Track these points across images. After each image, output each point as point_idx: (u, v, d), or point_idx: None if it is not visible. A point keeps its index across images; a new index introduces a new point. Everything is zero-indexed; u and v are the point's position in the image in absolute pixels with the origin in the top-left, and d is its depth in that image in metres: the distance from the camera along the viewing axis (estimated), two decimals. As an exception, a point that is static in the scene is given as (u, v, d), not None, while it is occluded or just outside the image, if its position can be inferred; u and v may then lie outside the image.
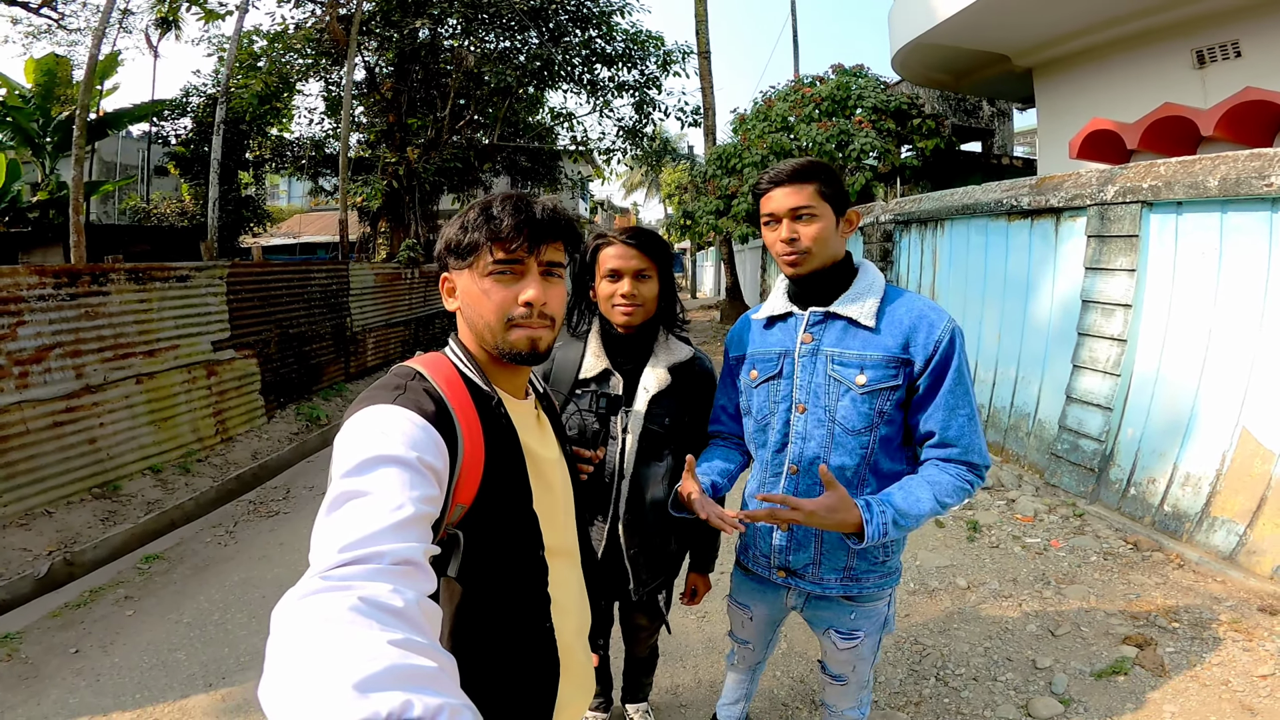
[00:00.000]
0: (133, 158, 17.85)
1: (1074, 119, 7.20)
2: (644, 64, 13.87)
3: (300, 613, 0.56)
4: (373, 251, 13.83)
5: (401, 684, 0.47)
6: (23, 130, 12.76)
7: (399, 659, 0.50)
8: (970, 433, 1.37)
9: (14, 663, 2.86)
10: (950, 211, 5.19)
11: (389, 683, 0.47)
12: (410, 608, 0.60)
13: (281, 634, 0.54)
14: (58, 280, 4.17)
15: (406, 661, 0.50)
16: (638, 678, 2.23)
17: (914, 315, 1.38)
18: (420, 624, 0.60)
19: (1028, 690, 2.42)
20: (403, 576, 0.65)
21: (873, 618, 1.57)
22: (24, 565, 3.53)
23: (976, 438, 1.38)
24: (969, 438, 1.37)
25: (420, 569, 0.69)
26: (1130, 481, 3.63)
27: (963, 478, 1.37)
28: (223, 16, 12.39)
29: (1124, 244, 3.66)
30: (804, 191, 1.37)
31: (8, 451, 3.81)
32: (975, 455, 1.37)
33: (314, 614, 0.55)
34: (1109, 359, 3.73)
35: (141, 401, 4.69)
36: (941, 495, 1.35)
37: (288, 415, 6.36)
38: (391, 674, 0.48)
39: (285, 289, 6.73)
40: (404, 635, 0.54)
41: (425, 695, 0.47)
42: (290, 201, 25.35)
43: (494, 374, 1.05)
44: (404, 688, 0.47)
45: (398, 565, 0.66)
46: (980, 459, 1.38)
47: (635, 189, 37.60)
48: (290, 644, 0.52)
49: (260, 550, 3.94)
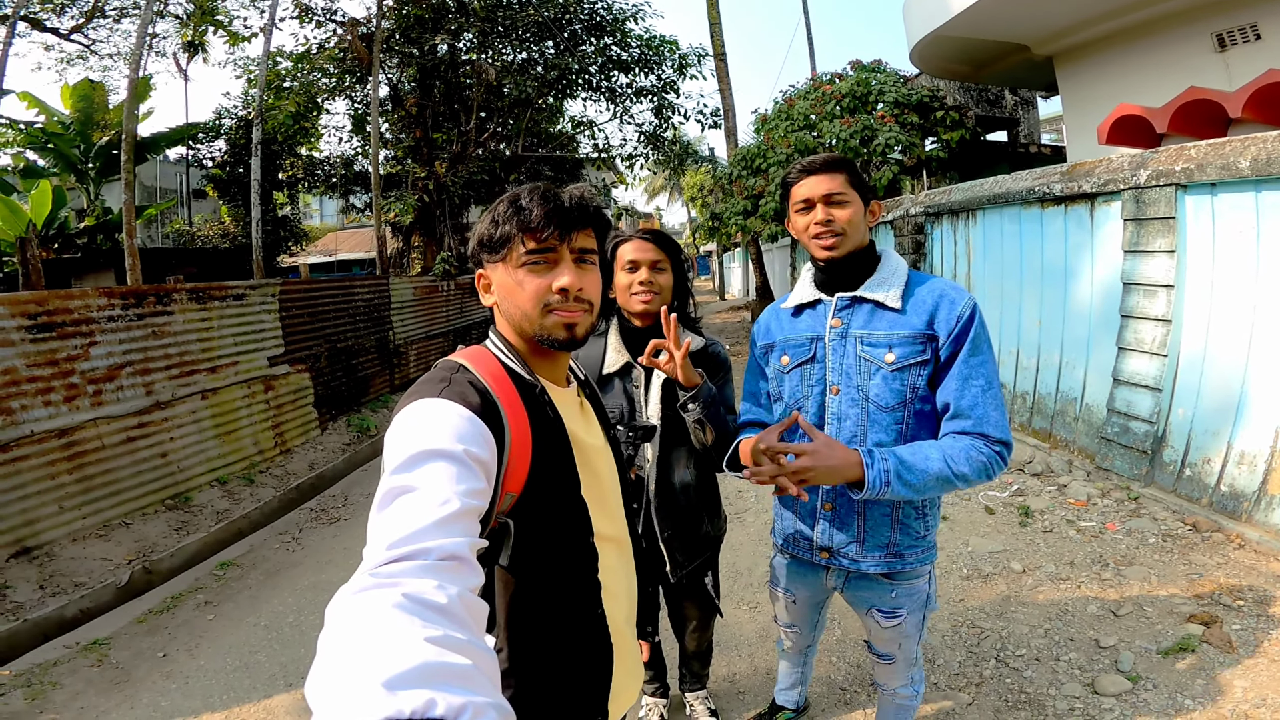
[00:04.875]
0: (170, 181, 18.45)
1: (1099, 105, 7.15)
2: (660, 69, 14.01)
3: (348, 609, 0.57)
4: (407, 266, 14.11)
5: (430, 682, 0.48)
6: (65, 157, 13.21)
7: (433, 656, 0.51)
8: (984, 404, 1.37)
9: (105, 668, 2.98)
10: (981, 201, 5.20)
11: (418, 681, 0.48)
12: (454, 603, 0.61)
13: (330, 629, 0.56)
14: (125, 301, 4.37)
15: (440, 659, 0.51)
16: (694, 668, 2.25)
17: (936, 294, 1.44)
18: (463, 619, 0.61)
19: (1093, 669, 2.40)
20: (448, 572, 0.66)
21: (914, 595, 1.59)
22: (105, 574, 3.71)
23: (992, 410, 1.37)
24: (982, 408, 1.37)
25: (466, 564, 0.69)
26: (1185, 462, 3.61)
27: (977, 449, 1.35)
28: (248, 39, 12.74)
29: (1161, 226, 3.66)
30: (836, 179, 1.47)
31: (85, 466, 4.00)
32: (990, 427, 1.36)
33: (360, 610, 0.57)
34: (1155, 339, 3.72)
35: (207, 416, 4.90)
36: (953, 461, 1.34)
37: (339, 427, 6.56)
38: (422, 672, 0.49)
39: (332, 305, 6.94)
40: (443, 632, 0.55)
41: (451, 694, 0.48)
42: (323, 220, 25.91)
43: (535, 363, 1.06)
44: (432, 686, 0.48)
45: (444, 561, 0.67)
46: (996, 431, 1.36)
47: (658, 193, 37.76)
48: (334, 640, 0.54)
49: (326, 555, 4.09)
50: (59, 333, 3.93)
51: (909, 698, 1.81)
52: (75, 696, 2.79)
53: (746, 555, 3.57)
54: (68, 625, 3.33)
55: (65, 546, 3.81)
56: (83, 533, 3.94)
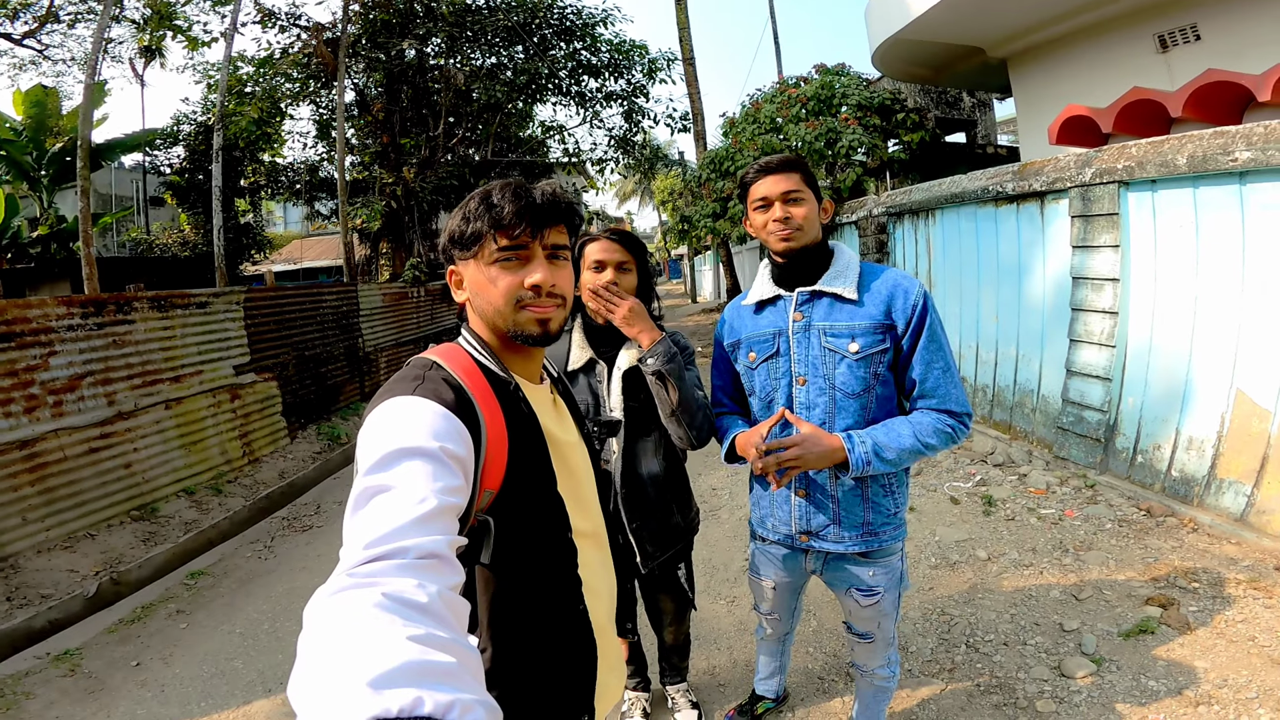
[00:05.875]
0: (127, 189, 17.92)
1: (1050, 106, 7.39)
2: (630, 73, 14.08)
3: (327, 610, 0.57)
4: (376, 273, 13.93)
5: (416, 680, 0.48)
6: (17, 164, 12.76)
7: (416, 655, 0.51)
8: (946, 383, 1.53)
9: (78, 677, 2.94)
10: (939, 201, 5.35)
11: (404, 679, 0.48)
12: (434, 602, 0.60)
13: (309, 631, 0.55)
14: (84, 310, 4.27)
15: (424, 658, 0.51)
16: (674, 661, 2.29)
17: (890, 285, 1.55)
18: (444, 618, 0.60)
19: (1058, 652, 2.47)
20: (427, 570, 0.65)
21: (889, 572, 1.67)
22: (73, 585, 3.63)
23: (953, 388, 1.53)
24: (945, 387, 1.52)
25: (445, 562, 0.68)
26: (1136, 449, 3.76)
27: (944, 422, 1.52)
28: (208, 44, 12.46)
29: (1106, 222, 3.82)
30: (792, 178, 1.57)
31: (48, 478, 3.91)
32: (952, 403, 1.53)
33: (339, 611, 0.56)
34: (1103, 331, 3.88)
35: (172, 426, 4.80)
36: (922, 434, 1.50)
37: (309, 435, 6.46)
38: (407, 670, 0.49)
39: (299, 312, 6.84)
40: (426, 631, 0.55)
41: (438, 691, 0.47)
42: (287, 227, 25.39)
43: (509, 360, 1.05)
44: (418, 684, 0.47)
45: (422, 559, 0.66)
46: (958, 406, 1.53)
47: (629, 198, 37.83)
48: (315, 641, 0.53)
49: (300, 562, 4.05)
50: (17, 343, 3.83)
51: (886, 679, 1.87)
52: (50, 706, 2.77)
53: (723, 550, 3.62)
54: (36, 636, 3.28)
55: (30, 558, 3.73)
56: (48, 544, 3.85)
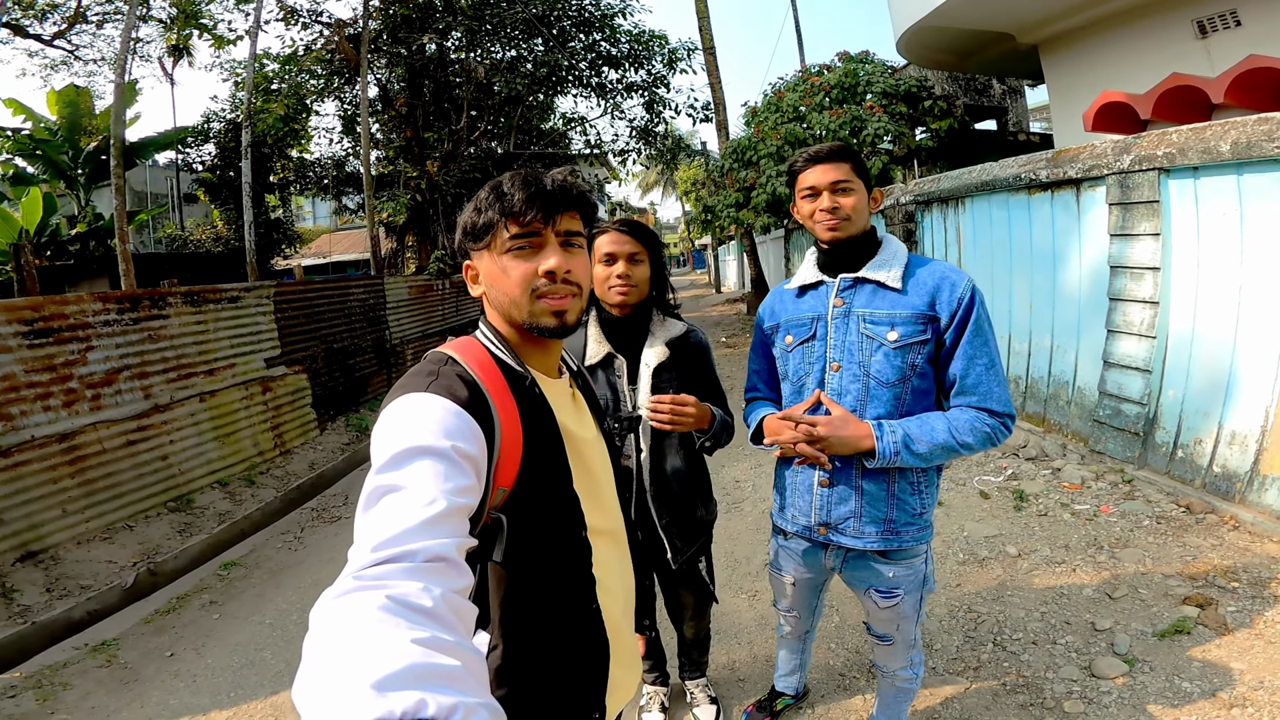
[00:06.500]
0: (161, 186, 18.39)
1: (1084, 93, 7.19)
2: (650, 63, 14.01)
3: (332, 613, 0.57)
4: (402, 265, 14.10)
5: (420, 683, 0.48)
6: (54, 163, 13.15)
7: (420, 658, 0.51)
8: (988, 380, 1.46)
9: (114, 668, 3.01)
10: (969, 189, 5.24)
11: (407, 682, 0.48)
12: (439, 606, 0.60)
13: (314, 633, 0.56)
14: (120, 306, 4.39)
15: (428, 660, 0.51)
16: (693, 656, 2.27)
17: (937, 277, 1.50)
18: (449, 621, 0.60)
19: (1089, 652, 2.41)
20: (434, 574, 0.65)
21: (911, 574, 1.63)
22: (111, 576, 3.74)
23: (995, 386, 1.47)
24: (987, 385, 1.46)
25: (452, 565, 0.68)
26: (1177, 444, 3.64)
27: (982, 420, 1.46)
28: (233, 42, 12.70)
29: (1146, 210, 3.70)
30: (842, 168, 1.54)
31: (87, 470, 4.02)
32: (993, 402, 1.46)
33: (344, 614, 0.56)
34: (1143, 321, 3.76)
35: (206, 418, 4.92)
36: (958, 431, 1.45)
37: (338, 427, 6.58)
38: (411, 673, 0.49)
39: (327, 306, 6.95)
40: (430, 633, 0.55)
41: (441, 694, 0.48)
42: (315, 222, 25.86)
43: (526, 354, 1.04)
44: (422, 687, 0.48)
45: (429, 563, 0.66)
46: (999, 405, 1.47)
47: (651, 188, 37.78)
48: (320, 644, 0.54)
49: (328, 554, 4.12)
50: (56, 338, 3.94)
51: (908, 680, 1.83)
52: (86, 696, 2.83)
53: (744, 544, 3.60)
54: (75, 627, 3.36)
55: (70, 550, 3.83)
56: (87, 536, 3.96)
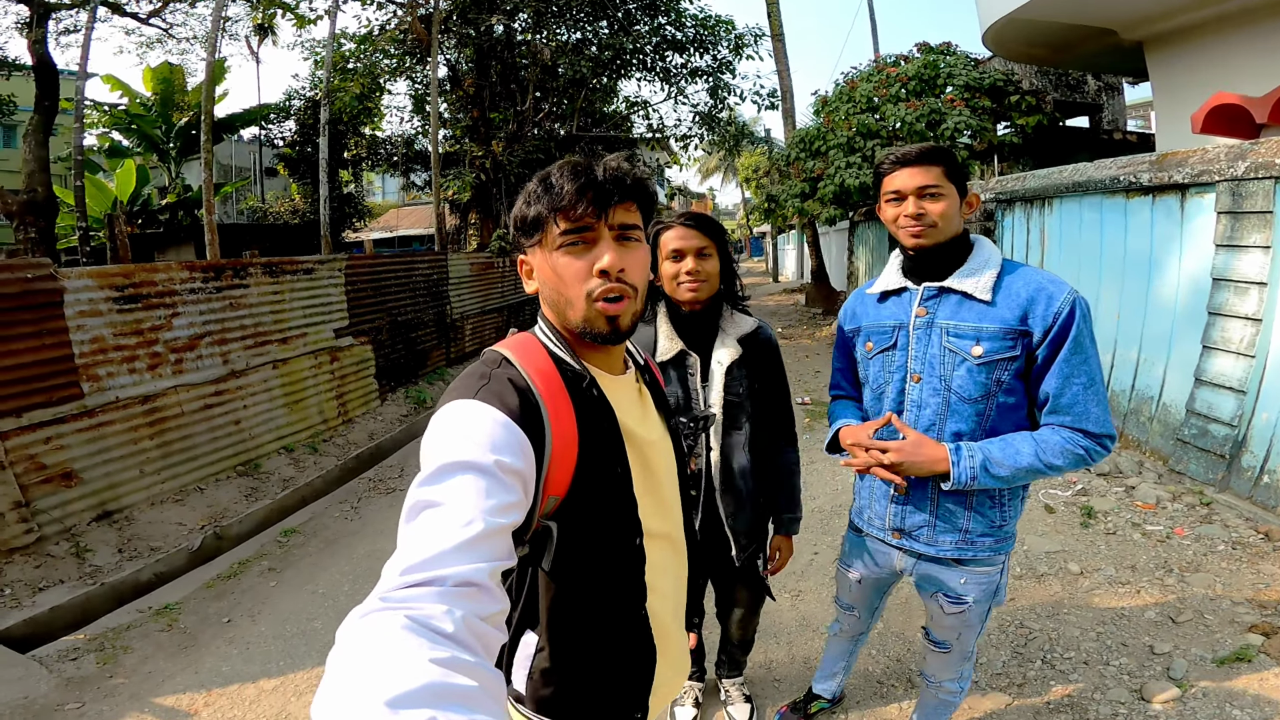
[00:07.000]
0: (244, 160, 19.32)
1: (1193, 93, 6.67)
2: (716, 49, 13.77)
3: (356, 631, 0.57)
4: (464, 242, 14.42)
5: (433, 702, 0.48)
6: (148, 137, 13.99)
7: (438, 677, 0.51)
8: (1085, 400, 1.36)
9: (174, 633, 3.10)
10: (1059, 189, 4.98)
11: (421, 701, 0.48)
12: (460, 629, 0.60)
13: (337, 650, 0.56)
14: (205, 275, 4.62)
15: (444, 680, 0.51)
16: (734, 655, 2.26)
17: (1032, 288, 1.40)
18: (470, 645, 0.60)
19: (1142, 675, 2.32)
20: (461, 598, 0.64)
21: (984, 584, 1.56)
22: (180, 539, 3.89)
23: (1093, 406, 1.36)
24: (1084, 404, 1.36)
25: (483, 590, 0.67)
26: (1264, 469, 3.40)
27: (1075, 442, 1.36)
28: (313, 22, 13.15)
29: (1258, 220, 3.44)
30: (932, 172, 1.43)
31: (166, 432, 4.23)
32: (1090, 423, 1.36)
33: (366, 632, 0.56)
34: (1243, 339, 3.50)
35: (278, 385, 5.16)
36: (1046, 454, 1.36)
37: (398, 398, 6.81)
38: (426, 692, 0.49)
39: (393, 280, 7.17)
40: (449, 654, 0.55)
41: (454, 713, 0.48)
42: (385, 197, 26.69)
43: (585, 351, 0.98)
44: (435, 705, 0.48)
45: (459, 587, 0.65)
46: (1096, 426, 1.36)
47: (711, 174, 37.33)
48: (340, 660, 0.54)
49: (381, 525, 4.26)
50: (144, 304, 4.17)
51: (953, 693, 1.79)
52: (144, 660, 2.89)
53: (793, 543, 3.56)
54: (142, 589, 3.46)
55: (144, 510, 4.00)
56: (160, 497, 4.14)
